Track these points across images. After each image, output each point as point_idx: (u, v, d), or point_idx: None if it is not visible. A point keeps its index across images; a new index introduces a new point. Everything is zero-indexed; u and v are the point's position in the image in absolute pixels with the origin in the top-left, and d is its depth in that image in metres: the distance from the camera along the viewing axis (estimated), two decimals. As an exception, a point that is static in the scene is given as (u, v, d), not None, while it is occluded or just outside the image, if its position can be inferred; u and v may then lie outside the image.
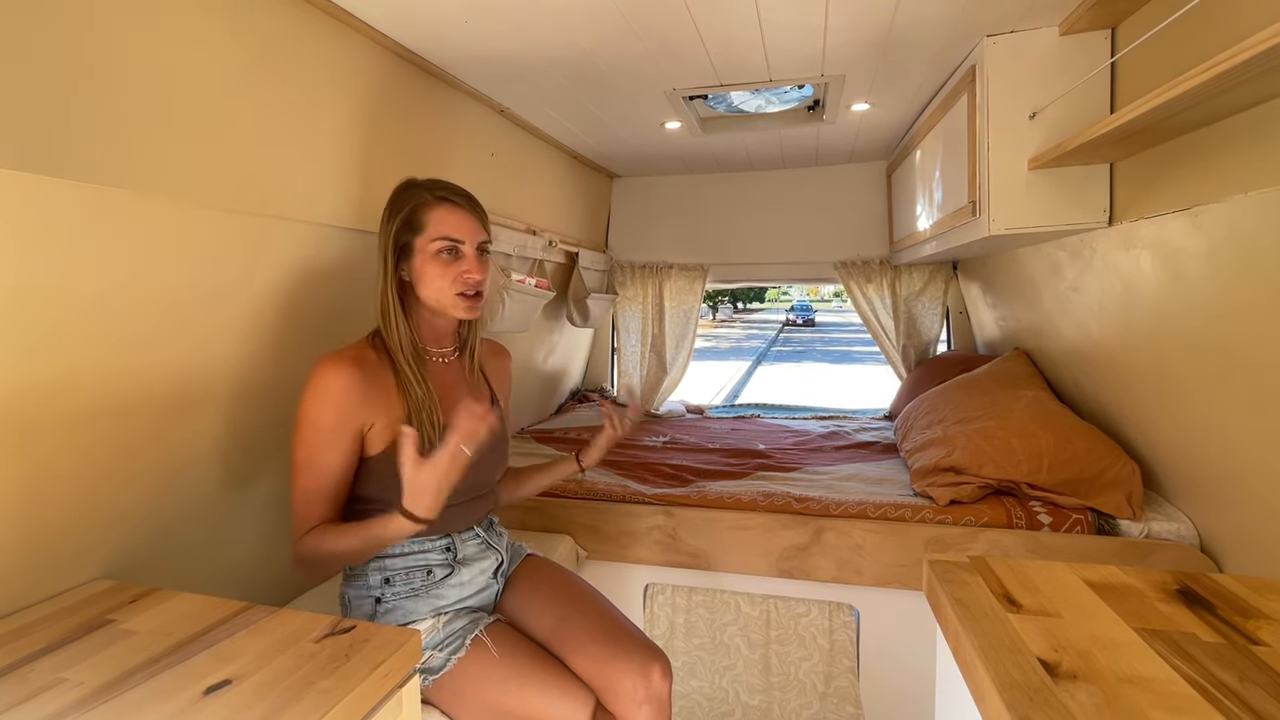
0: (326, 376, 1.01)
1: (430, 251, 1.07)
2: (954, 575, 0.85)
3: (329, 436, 1.01)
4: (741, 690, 1.73)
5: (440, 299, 1.09)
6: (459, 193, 1.12)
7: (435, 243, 1.07)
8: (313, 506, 1.02)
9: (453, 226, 1.08)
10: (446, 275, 1.08)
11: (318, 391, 1.01)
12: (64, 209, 0.85)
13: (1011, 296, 2.25)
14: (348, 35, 1.33)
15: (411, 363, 1.08)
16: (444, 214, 1.08)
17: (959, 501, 1.65)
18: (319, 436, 1.01)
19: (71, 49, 0.84)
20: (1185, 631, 0.71)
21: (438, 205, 1.08)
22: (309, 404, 1.01)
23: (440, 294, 1.09)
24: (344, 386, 1.01)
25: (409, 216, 1.08)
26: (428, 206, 1.08)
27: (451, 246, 1.08)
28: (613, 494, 1.86)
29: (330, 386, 1.01)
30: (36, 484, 0.91)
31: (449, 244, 1.08)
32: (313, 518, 1.02)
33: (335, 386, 1.01)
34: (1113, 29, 1.44)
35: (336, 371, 1.01)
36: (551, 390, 3.03)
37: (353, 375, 1.02)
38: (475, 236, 1.10)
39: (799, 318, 28.13)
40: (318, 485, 1.02)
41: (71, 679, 0.74)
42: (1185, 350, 1.32)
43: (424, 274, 1.08)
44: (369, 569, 1.10)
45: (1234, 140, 1.10)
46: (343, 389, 1.01)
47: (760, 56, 1.61)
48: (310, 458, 1.01)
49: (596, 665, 1.06)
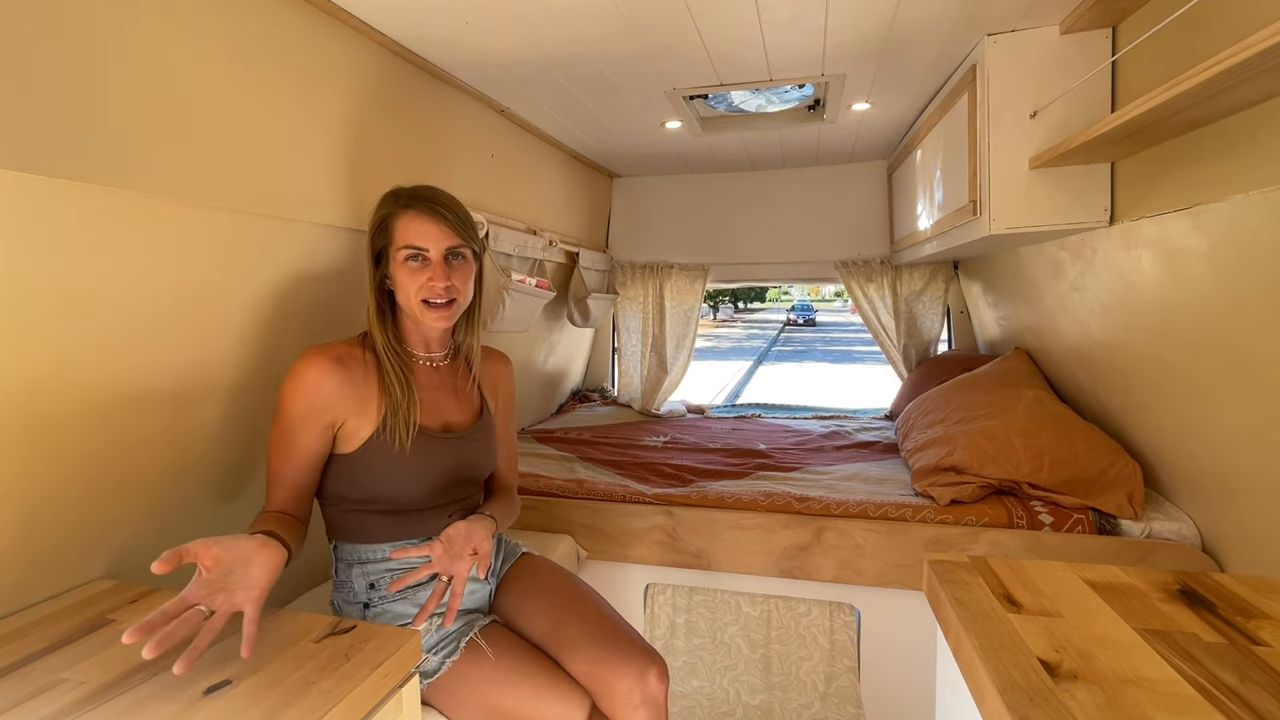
0: (303, 367, 1.04)
1: (399, 260, 1.08)
2: (955, 575, 0.84)
3: (298, 423, 1.04)
4: (742, 690, 1.73)
5: (410, 306, 1.10)
6: (427, 199, 1.09)
7: (401, 251, 1.08)
8: (275, 490, 1.05)
9: (416, 234, 1.07)
10: (414, 283, 1.08)
11: (293, 379, 1.04)
12: (60, 209, 0.85)
13: (1012, 296, 2.25)
14: (347, 34, 1.33)
15: (393, 365, 1.10)
16: (408, 221, 1.07)
17: (960, 501, 1.65)
18: (289, 422, 1.04)
19: (68, 49, 0.84)
20: (1186, 632, 0.71)
21: (403, 213, 1.08)
22: (284, 390, 1.04)
23: (409, 301, 1.09)
24: (317, 380, 1.03)
25: (381, 226, 1.10)
26: (395, 215, 1.09)
27: (415, 254, 1.07)
28: (613, 494, 1.86)
29: (305, 377, 1.03)
30: (37, 484, 0.91)
31: (413, 251, 1.07)
32: (275, 500, 1.05)
33: (309, 378, 1.03)
34: (1113, 28, 1.44)
35: (313, 364, 1.04)
36: (552, 390, 3.03)
37: (328, 370, 1.04)
38: (442, 243, 1.07)
39: (800, 317, 28.13)
40: (281, 469, 1.04)
41: (72, 678, 0.74)
42: (1187, 349, 1.32)
43: (396, 281, 1.09)
44: (353, 575, 1.10)
45: (1235, 139, 1.09)
46: (315, 381, 1.03)
47: (760, 56, 1.61)
48: (279, 441, 1.04)
49: (592, 668, 1.06)
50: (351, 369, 1.06)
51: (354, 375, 1.06)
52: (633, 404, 3.11)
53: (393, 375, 1.09)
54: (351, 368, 1.07)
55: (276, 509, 1.04)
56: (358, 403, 1.06)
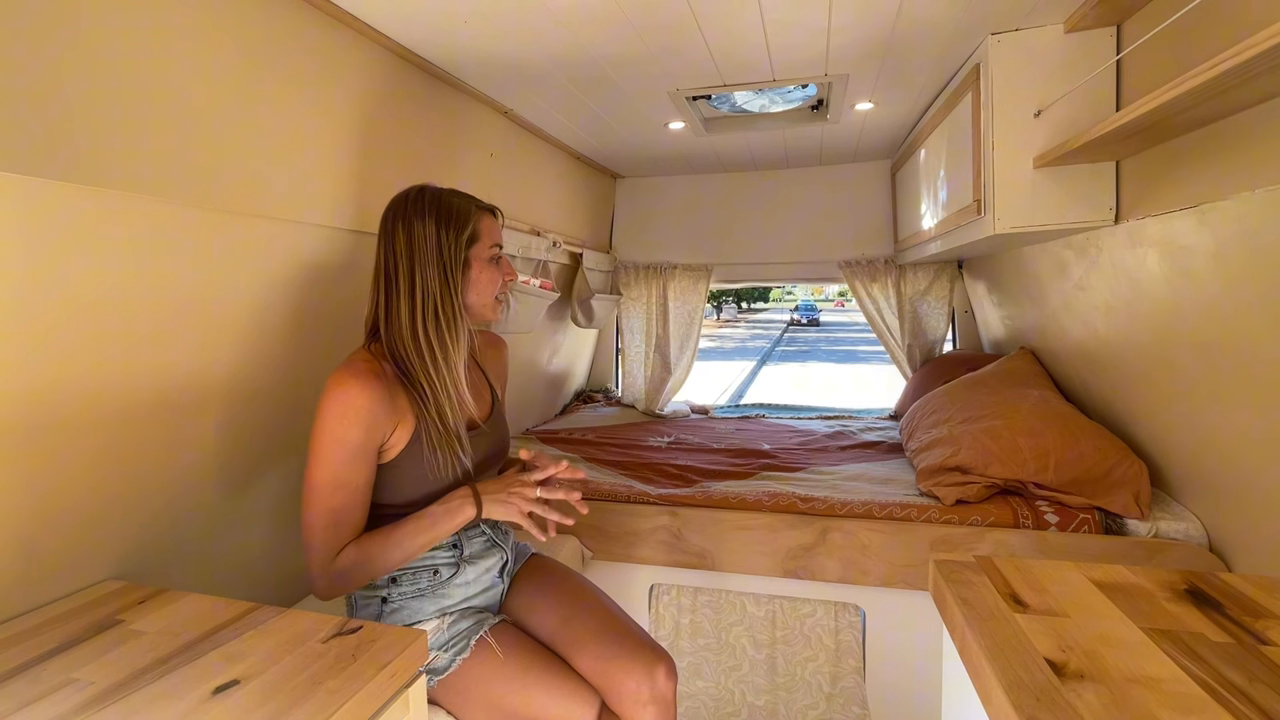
0: (349, 393, 0.97)
1: (485, 258, 1.13)
2: (960, 575, 0.84)
3: (357, 453, 0.98)
4: (747, 691, 1.73)
5: (485, 302, 1.14)
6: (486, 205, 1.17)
7: (492, 249, 1.13)
8: (343, 528, 0.99)
9: (497, 233, 1.16)
10: (496, 280, 1.14)
11: (343, 409, 0.97)
12: (64, 212, 0.86)
13: (1017, 295, 2.24)
14: (349, 37, 1.34)
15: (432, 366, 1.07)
16: (490, 222, 1.15)
17: (965, 501, 1.65)
18: (347, 454, 0.97)
19: (70, 52, 0.84)
20: (1194, 631, 0.71)
21: (484, 215, 1.14)
22: (333, 423, 0.97)
23: (486, 298, 1.14)
24: (368, 402, 0.98)
25: (473, 231, 1.11)
26: (480, 218, 1.13)
27: (499, 255, 1.15)
28: (618, 494, 1.86)
29: (356, 404, 0.97)
30: (45, 486, 0.92)
31: (499, 250, 1.15)
32: (343, 539, 0.99)
33: (360, 403, 0.98)
34: (1118, 26, 1.43)
35: (360, 387, 0.98)
36: (556, 391, 3.04)
37: (376, 389, 1.00)
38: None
39: (804, 317, 28.12)
40: (347, 505, 0.99)
41: (82, 679, 0.75)
42: (1193, 348, 1.31)
43: (478, 281, 1.12)
44: None
45: (1241, 137, 1.09)
46: (367, 405, 0.98)
47: (764, 56, 1.61)
48: (335, 477, 0.97)
49: (601, 665, 1.06)
50: (386, 381, 1.03)
51: (390, 387, 1.03)
52: (637, 404, 3.11)
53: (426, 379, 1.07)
54: (386, 380, 1.03)
55: (352, 541, 1.01)
56: (398, 415, 1.04)
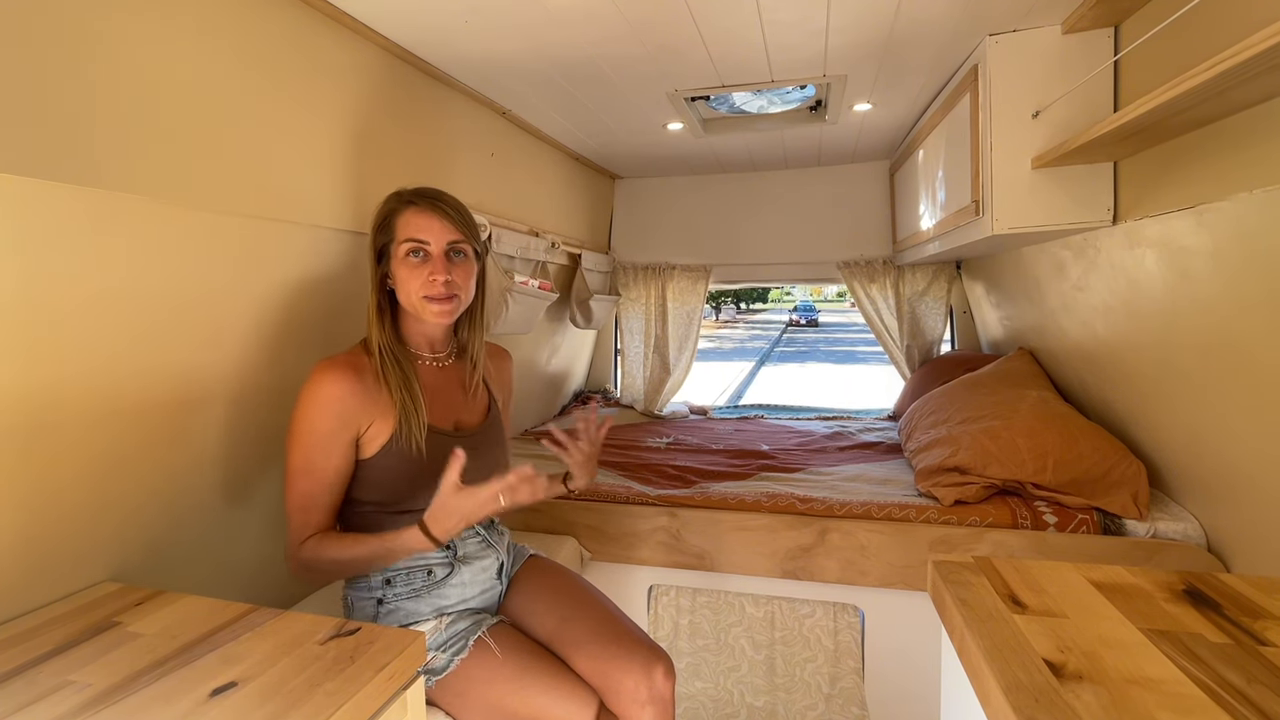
0: (323, 383, 1.02)
1: (400, 255, 1.08)
2: (959, 576, 0.84)
3: (326, 441, 1.02)
4: (746, 691, 1.73)
5: (411, 302, 1.10)
6: (428, 196, 1.11)
7: (403, 245, 1.08)
8: (311, 513, 1.03)
9: (417, 228, 1.08)
10: (415, 278, 1.08)
11: (316, 397, 1.02)
12: (64, 214, 0.86)
13: (1016, 296, 2.24)
14: (348, 37, 1.34)
15: (393, 367, 1.09)
16: (410, 216, 1.09)
17: (964, 502, 1.65)
18: (316, 441, 1.02)
19: (70, 54, 0.84)
20: (1192, 632, 0.71)
21: (406, 209, 1.10)
22: (306, 410, 1.02)
23: (410, 297, 1.09)
24: (341, 393, 1.02)
25: (384, 223, 1.10)
26: (398, 211, 1.10)
27: (417, 248, 1.07)
28: (616, 495, 1.86)
29: (328, 393, 1.02)
30: (42, 487, 0.91)
31: (414, 245, 1.07)
32: (311, 524, 1.03)
33: (332, 393, 1.02)
34: (1116, 27, 1.43)
35: (333, 377, 1.02)
36: (555, 392, 3.03)
37: (349, 381, 1.03)
38: (443, 237, 1.08)
39: (802, 318, 28.12)
40: (315, 490, 1.03)
41: (79, 681, 0.74)
42: (1191, 349, 1.31)
43: (397, 279, 1.09)
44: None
45: (1238, 138, 1.09)
46: (339, 395, 1.02)
47: (762, 57, 1.61)
48: (308, 463, 1.02)
49: (599, 665, 1.06)
50: (365, 376, 1.06)
51: (368, 382, 1.06)
52: (635, 405, 3.11)
53: (392, 374, 1.08)
54: (365, 374, 1.07)
55: (320, 532, 1.04)
56: (376, 409, 1.06)
